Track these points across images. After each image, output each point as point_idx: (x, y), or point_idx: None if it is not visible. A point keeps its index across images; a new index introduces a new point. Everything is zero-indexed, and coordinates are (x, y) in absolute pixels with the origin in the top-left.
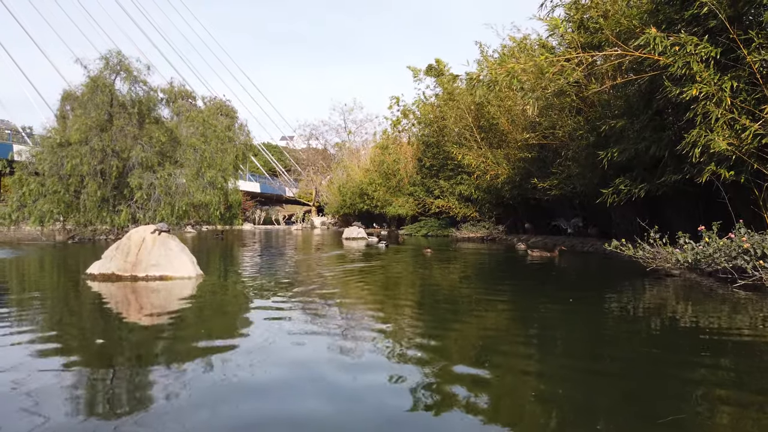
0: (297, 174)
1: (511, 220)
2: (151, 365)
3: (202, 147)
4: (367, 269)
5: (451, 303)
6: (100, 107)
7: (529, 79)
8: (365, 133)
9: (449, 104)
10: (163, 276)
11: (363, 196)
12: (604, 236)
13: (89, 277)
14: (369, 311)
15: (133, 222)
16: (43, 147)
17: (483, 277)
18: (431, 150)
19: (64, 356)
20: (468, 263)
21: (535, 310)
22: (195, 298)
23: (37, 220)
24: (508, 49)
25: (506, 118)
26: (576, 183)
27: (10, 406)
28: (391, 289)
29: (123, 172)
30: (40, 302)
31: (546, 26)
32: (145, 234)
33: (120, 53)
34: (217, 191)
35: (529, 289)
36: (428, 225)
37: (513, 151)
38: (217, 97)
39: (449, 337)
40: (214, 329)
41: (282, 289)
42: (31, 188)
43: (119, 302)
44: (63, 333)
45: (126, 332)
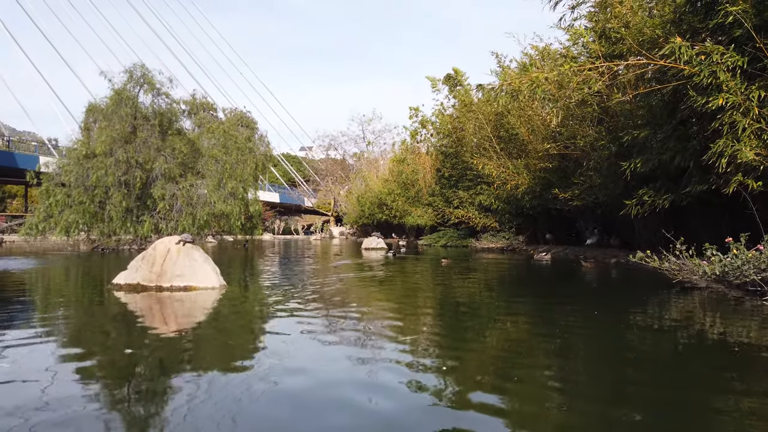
0: (316, 184)
1: (531, 231)
2: (174, 376)
3: (223, 158)
4: (386, 280)
5: (471, 315)
6: (124, 119)
7: (552, 89)
8: (384, 143)
9: (468, 114)
10: (188, 286)
11: (382, 207)
12: (627, 247)
13: (115, 287)
14: (388, 323)
15: (156, 232)
16: (69, 158)
17: (503, 288)
18: (450, 160)
19: (92, 365)
20: (488, 274)
21: (558, 323)
22: (218, 308)
23: (63, 230)
24: (529, 58)
25: (526, 128)
26: (598, 193)
27: (40, 415)
28: (410, 300)
29: (146, 183)
30: (68, 312)
31: (568, 36)
32: (170, 245)
33: (144, 66)
34: (238, 201)
35: (551, 300)
36: (447, 235)
37: (533, 161)
38: (238, 108)
39: (469, 352)
40: (236, 340)
41: (302, 300)
42: (58, 199)
43: (145, 312)
44: (92, 342)
45: (152, 342)
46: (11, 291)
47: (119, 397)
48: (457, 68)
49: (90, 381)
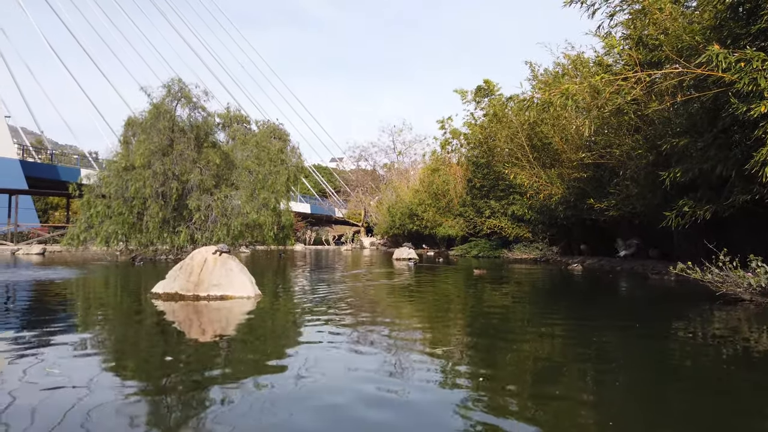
0: (346, 195)
1: (566, 242)
2: (209, 384)
3: (257, 169)
4: (417, 290)
5: (504, 327)
6: (162, 132)
7: (585, 98)
8: (414, 154)
9: (499, 125)
10: (224, 296)
11: (412, 217)
12: (666, 258)
13: (154, 296)
14: (419, 333)
15: (191, 242)
16: (109, 171)
17: (537, 299)
18: (481, 170)
19: (133, 372)
20: (521, 285)
21: (595, 335)
22: (253, 317)
23: (103, 240)
24: (561, 67)
25: (560, 137)
26: (635, 203)
27: (83, 419)
28: (441, 311)
29: (182, 195)
30: (110, 320)
31: (602, 44)
32: (207, 255)
33: (181, 81)
34: (271, 212)
35: (588, 312)
36: (479, 246)
37: (567, 170)
38: (270, 120)
39: (503, 364)
40: (270, 349)
41: (334, 309)
42: (98, 210)
43: (183, 321)
44: (132, 350)
45: (190, 350)
46: (56, 299)
47: (156, 404)
48: (488, 79)
49: (129, 386)
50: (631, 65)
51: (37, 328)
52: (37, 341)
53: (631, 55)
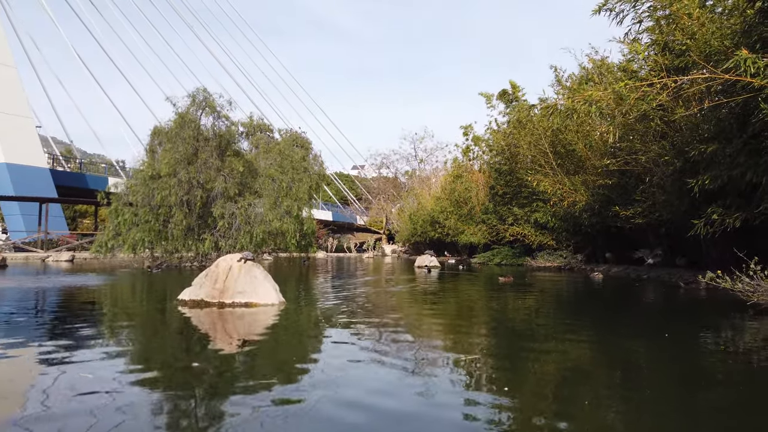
0: (368, 202)
1: (590, 249)
2: (233, 392)
3: (279, 177)
4: (439, 298)
5: (528, 335)
6: (186, 141)
7: (609, 104)
8: (435, 161)
9: (523, 131)
10: (248, 303)
11: (434, 224)
12: (694, 267)
13: (180, 303)
14: (442, 342)
15: (215, 249)
16: (136, 179)
17: (562, 308)
18: (504, 177)
19: (161, 378)
20: (545, 293)
21: (622, 347)
22: (277, 325)
23: (130, 247)
24: (586, 71)
25: (584, 143)
26: (662, 211)
27: (112, 423)
28: (464, 319)
29: (207, 202)
30: (139, 326)
31: (627, 49)
32: (232, 262)
33: (205, 90)
34: (293, 220)
35: (614, 322)
36: (502, 253)
37: (591, 177)
38: (293, 129)
39: (527, 375)
40: (293, 357)
41: (357, 316)
42: (126, 218)
43: (209, 327)
44: (160, 356)
45: (217, 358)
46: (85, 306)
47: (183, 411)
48: (514, 82)
49: (160, 393)
50: (657, 71)
51: (67, 334)
52: (69, 347)
53: (657, 60)
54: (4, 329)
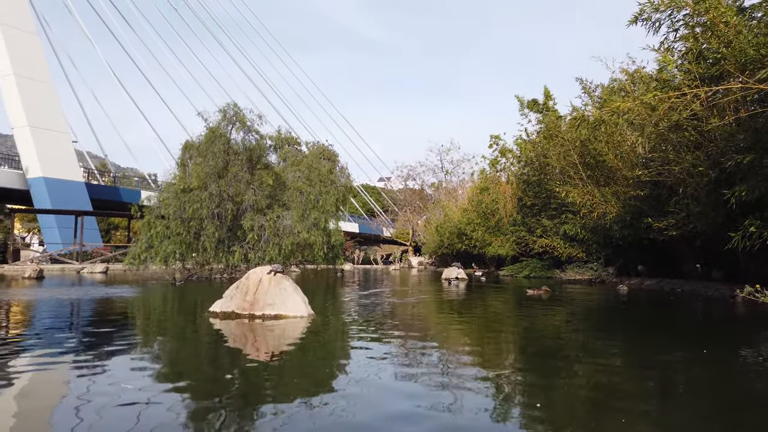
0: (394, 214)
1: (622, 262)
2: (265, 402)
3: (307, 190)
4: (467, 310)
5: (558, 350)
6: (217, 155)
7: (640, 114)
8: (462, 173)
9: (552, 141)
10: (278, 315)
11: (461, 236)
12: (731, 280)
13: (212, 315)
14: (470, 356)
15: (245, 261)
16: (168, 192)
17: (593, 322)
18: (532, 189)
19: (197, 389)
20: (575, 306)
21: (656, 361)
22: (306, 337)
23: (162, 259)
24: (618, 83)
25: (614, 154)
26: (696, 223)
27: None
28: (492, 333)
29: (236, 215)
30: (172, 338)
31: (660, 57)
32: (262, 275)
33: (236, 105)
34: (321, 232)
35: (649, 336)
36: (530, 266)
37: (622, 188)
38: (320, 141)
39: (558, 391)
40: (323, 369)
41: (385, 329)
42: (158, 230)
43: (241, 340)
44: (195, 367)
45: (249, 369)
46: (119, 317)
47: (217, 420)
48: (548, 89)
49: (195, 404)
50: (690, 80)
51: (104, 344)
52: (106, 357)
53: (690, 69)
54: (43, 339)
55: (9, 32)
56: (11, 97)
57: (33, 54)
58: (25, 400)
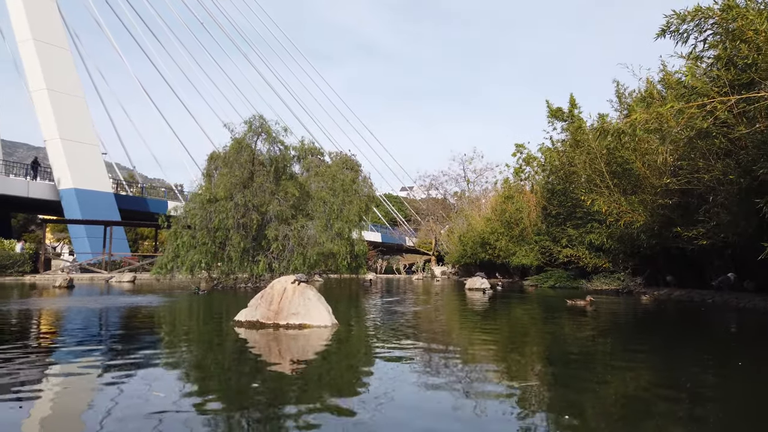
0: (417, 224)
1: (650, 272)
2: (288, 413)
3: (331, 200)
4: (492, 321)
5: (585, 362)
6: (243, 166)
7: (668, 121)
8: (485, 182)
9: (578, 150)
10: (302, 324)
11: (484, 246)
12: (763, 291)
13: (237, 324)
14: (494, 367)
15: (269, 271)
16: (194, 203)
17: (620, 333)
18: (557, 197)
19: (226, 398)
20: (602, 317)
21: (687, 375)
22: (330, 347)
23: (188, 269)
24: (649, 85)
25: (641, 162)
26: (727, 232)
27: None
28: (517, 343)
29: (261, 225)
30: (198, 347)
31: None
32: (286, 284)
33: (261, 117)
34: (344, 241)
35: (679, 348)
36: (555, 276)
37: (650, 196)
38: (343, 151)
39: (586, 405)
40: (347, 378)
41: (409, 339)
42: (184, 240)
43: (266, 349)
44: (221, 376)
45: (274, 378)
46: (147, 325)
47: (246, 429)
48: (573, 97)
49: (223, 412)
50: (719, 86)
51: (132, 352)
52: (135, 365)
53: (719, 75)
54: (72, 347)
55: (42, 48)
56: (44, 110)
57: (65, 68)
58: (54, 406)
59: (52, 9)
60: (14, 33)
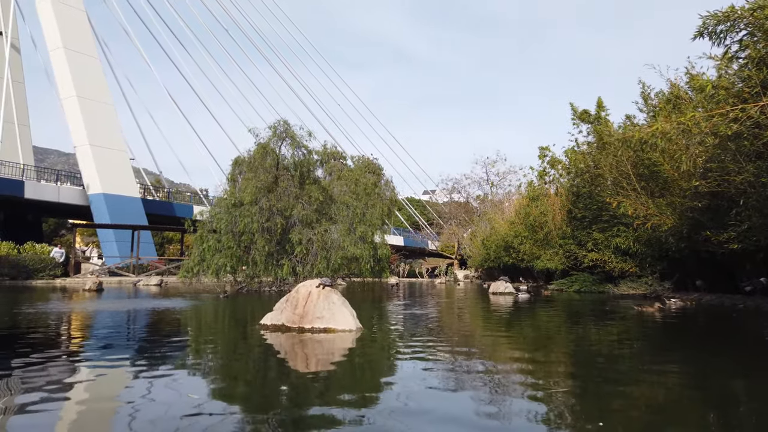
0: (439, 227)
1: (678, 276)
2: (313, 418)
3: (354, 204)
4: (516, 326)
5: (612, 370)
6: (268, 171)
7: (690, 129)
8: (508, 185)
9: (604, 152)
10: (327, 328)
11: (508, 249)
12: None
13: (262, 327)
14: (518, 373)
15: (293, 275)
16: (220, 207)
17: (649, 339)
18: (583, 200)
19: (255, 400)
20: (630, 323)
21: (720, 383)
22: (354, 351)
23: (214, 272)
24: (676, 88)
25: (670, 164)
26: (759, 236)
27: None
28: (541, 349)
29: (285, 229)
30: (227, 350)
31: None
32: (311, 288)
33: (286, 122)
34: (368, 245)
35: (710, 356)
36: (580, 280)
37: (678, 199)
38: (365, 155)
39: (615, 413)
40: (371, 383)
41: (433, 343)
42: (210, 244)
43: (291, 353)
44: (251, 378)
45: (302, 381)
46: (175, 328)
47: None
48: (601, 100)
49: (257, 414)
50: (751, 87)
51: (158, 356)
52: (160, 368)
53: (750, 75)
54: (101, 349)
55: (73, 56)
56: (74, 117)
57: (94, 76)
58: (84, 408)
59: (82, 19)
60: (46, 42)
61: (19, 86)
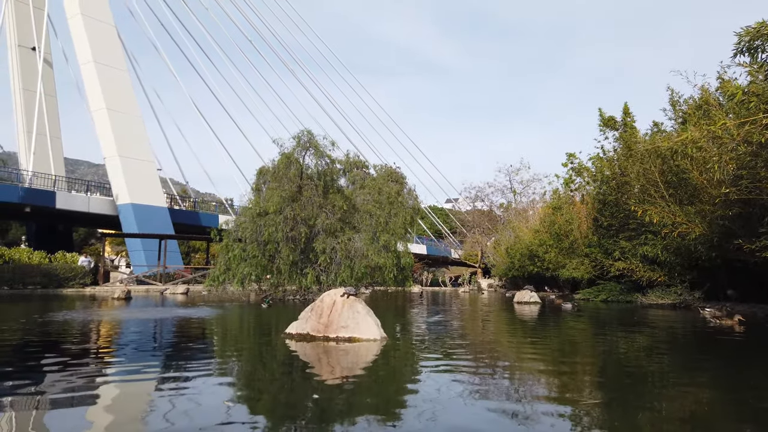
0: (462, 236)
1: (709, 286)
2: (340, 427)
3: (377, 213)
4: (542, 336)
5: (639, 381)
6: (292, 180)
7: (730, 131)
8: (532, 193)
9: (631, 159)
10: (351, 337)
11: (532, 258)
12: None
13: (287, 336)
14: (544, 385)
15: (317, 284)
16: (245, 216)
17: (678, 351)
18: (609, 208)
19: (283, 409)
20: (658, 333)
21: (754, 397)
22: (379, 360)
23: (239, 281)
24: (701, 97)
25: (699, 171)
26: None
27: None
28: (567, 359)
29: (309, 238)
30: (253, 359)
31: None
32: (336, 297)
33: (310, 132)
34: (391, 254)
35: (744, 368)
36: (607, 289)
37: (708, 206)
38: (387, 164)
39: (643, 425)
40: (396, 392)
41: (457, 353)
42: (235, 253)
43: (317, 362)
44: (279, 387)
45: (328, 390)
46: (201, 336)
47: None
48: (627, 106)
49: (290, 424)
50: None
51: (184, 364)
52: (186, 376)
53: None
54: (129, 357)
55: (103, 70)
56: (104, 129)
57: (123, 89)
58: (112, 415)
59: (112, 33)
60: (77, 56)
61: (51, 100)
